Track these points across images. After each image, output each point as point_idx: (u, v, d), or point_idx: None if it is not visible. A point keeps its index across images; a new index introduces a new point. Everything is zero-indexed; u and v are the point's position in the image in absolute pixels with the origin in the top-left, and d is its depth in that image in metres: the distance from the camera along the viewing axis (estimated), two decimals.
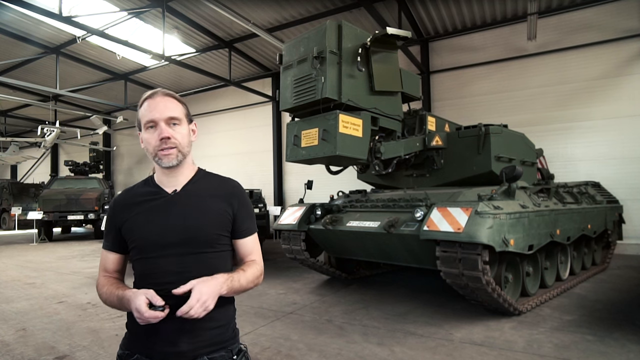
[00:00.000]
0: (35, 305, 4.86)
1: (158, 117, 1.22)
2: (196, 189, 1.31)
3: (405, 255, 4.49)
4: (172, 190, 1.29)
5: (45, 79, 13.32)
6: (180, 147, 1.25)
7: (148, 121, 1.24)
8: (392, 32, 4.42)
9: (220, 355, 1.24)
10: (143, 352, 1.22)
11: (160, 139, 1.22)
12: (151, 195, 1.29)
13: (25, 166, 21.33)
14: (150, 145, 1.24)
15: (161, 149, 1.23)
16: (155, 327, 1.14)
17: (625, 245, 8.28)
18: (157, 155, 1.24)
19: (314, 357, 3.17)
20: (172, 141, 1.23)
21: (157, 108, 1.23)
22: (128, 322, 1.28)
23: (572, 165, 8.96)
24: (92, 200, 12.36)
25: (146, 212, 1.26)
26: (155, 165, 1.30)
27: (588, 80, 8.93)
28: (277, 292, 5.38)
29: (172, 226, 1.23)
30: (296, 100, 4.54)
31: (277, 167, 13.34)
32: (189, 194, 1.29)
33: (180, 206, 1.26)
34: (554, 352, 3.18)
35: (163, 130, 1.22)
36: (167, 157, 1.23)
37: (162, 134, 1.22)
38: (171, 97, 1.27)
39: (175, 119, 1.25)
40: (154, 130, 1.24)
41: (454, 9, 9.44)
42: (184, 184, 1.31)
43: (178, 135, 1.25)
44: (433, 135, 5.45)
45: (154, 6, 9.18)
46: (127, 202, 1.31)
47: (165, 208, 1.26)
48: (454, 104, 10.42)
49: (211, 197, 1.30)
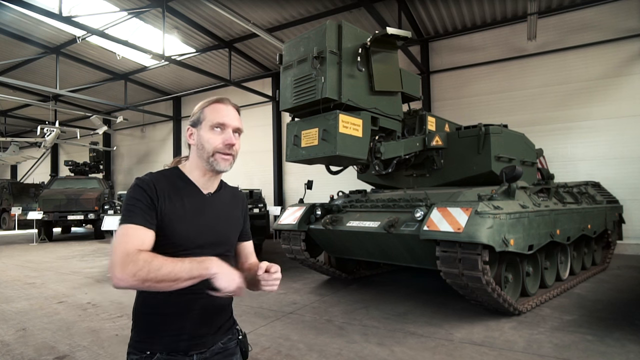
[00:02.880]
0: (35, 305, 4.86)
1: (229, 123, 1.28)
2: (222, 195, 1.39)
3: (405, 255, 4.49)
4: (208, 192, 1.34)
5: (45, 79, 13.33)
6: (235, 156, 1.32)
7: (219, 123, 1.26)
8: (392, 32, 4.42)
9: (228, 338, 1.35)
10: (165, 349, 1.20)
11: (226, 144, 1.26)
12: (189, 191, 1.29)
13: (25, 166, 21.34)
14: (211, 146, 1.25)
15: (224, 152, 1.27)
16: (182, 324, 1.22)
17: (625, 245, 8.28)
18: (214, 156, 1.25)
19: (314, 357, 3.18)
20: (234, 149, 1.29)
21: (230, 115, 1.29)
22: (148, 323, 1.23)
23: (572, 165, 8.96)
24: (92, 200, 12.36)
25: (185, 207, 1.25)
26: (196, 161, 1.29)
27: (588, 80, 8.93)
28: (277, 292, 5.38)
29: (207, 227, 1.28)
30: (296, 100, 4.54)
31: (277, 167, 13.34)
32: (219, 199, 1.36)
33: (214, 209, 1.33)
34: (554, 352, 3.18)
35: (231, 137, 1.27)
36: (225, 162, 1.28)
37: (229, 140, 1.26)
38: (237, 110, 1.35)
39: (239, 130, 1.32)
40: (221, 133, 1.27)
41: (454, 9, 9.44)
42: (215, 189, 1.37)
43: (237, 146, 1.32)
44: (433, 135, 5.45)
45: (154, 6, 9.18)
46: (168, 188, 1.24)
47: (203, 209, 1.30)
48: (454, 104, 10.42)
49: (231, 204, 1.41)
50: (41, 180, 18.61)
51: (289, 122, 4.90)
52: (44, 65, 12.81)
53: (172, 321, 1.22)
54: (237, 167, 14.52)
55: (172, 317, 1.22)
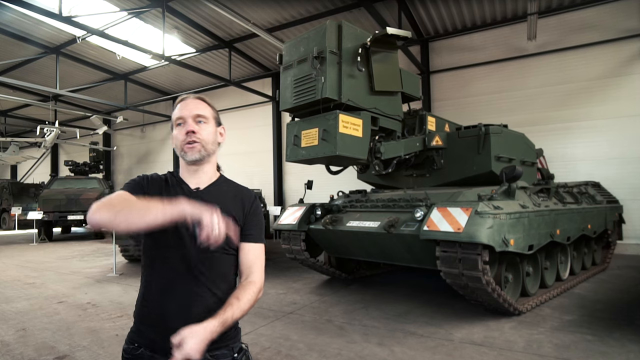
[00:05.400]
0: (35, 305, 4.86)
1: (186, 114, 1.29)
2: (216, 191, 1.35)
3: (405, 255, 4.49)
4: (195, 187, 1.34)
5: (45, 79, 13.33)
6: (204, 142, 1.30)
7: (177, 118, 1.30)
8: (392, 32, 4.42)
9: (222, 352, 1.26)
10: (148, 346, 1.24)
11: (186, 133, 1.28)
12: (174, 187, 1.34)
13: (25, 166, 21.33)
14: (178, 141, 1.30)
15: (186, 142, 1.28)
16: (162, 322, 1.21)
17: (625, 245, 8.28)
18: (182, 149, 1.30)
19: (314, 357, 3.17)
20: (196, 135, 1.28)
21: (187, 107, 1.31)
22: (136, 312, 1.31)
23: (572, 165, 8.96)
24: (92, 200, 12.27)
25: (163, 200, 1.26)
26: (181, 161, 1.36)
27: (588, 80, 8.93)
28: (277, 292, 5.38)
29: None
30: (296, 100, 4.54)
31: (277, 167, 13.34)
32: (210, 195, 1.33)
33: (204, 204, 1.28)
34: (554, 352, 3.18)
35: (189, 125, 1.28)
36: (191, 150, 1.28)
37: (187, 128, 1.28)
38: (202, 100, 1.34)
39: (202, 116, 1.31)
40: (182, 127, 1.30)
41: (454, 9, 9.44)
42: (207, 184, 1.36)
43: (203, 131, 1.30)
44: (433, 135, 5.45)
45: (154, 6, 9.18)
46: (156, 184, 1.34)
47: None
48: (454, 104, 10.42)
49: (228, 202, 1.33)
50: (41, 180, 18.60)
51: (289, 122, 4.90)
52: (44, 65, 12.82)
53: (154, 307, 1.25)
54: (237, 167, 14.58)
55: (154, 303, 1.26)
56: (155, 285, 1.27)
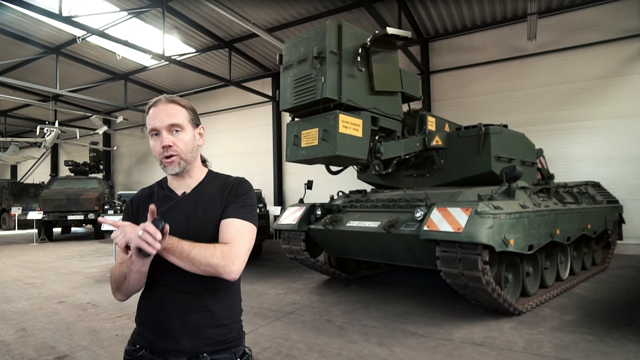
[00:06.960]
0: (35, 305, 4.86)
1: (159, 125, 1.24)
2: (204, 191, 1.33)
3: (405, 255, 4.49)
4: (182, 193, 1.33)
5: (45, 79, 13.32)
6: (182, 154, 1.26)
7: (151, 129, 1.26)
8: (392, 32, 4.42)
9: (223, 357, 1.23)
10: (148, 347, 1.24)
11: (162, 147, 1.25)
12: (163, 196, 1.34)
13: (25, 166, 21.33)
14: (156, 153, 1.28)
15: (164, 156, 1.26)
16: (160, 323, 1.20)
17: (625, 245, 8.28)
18: (162, 163, 1.28)
19: (314, 357, 3.18)
20: (173, 149, 1.25)
21: (159, 116, 1.25)
22: (137, 316, 1.32)
23: (572, 165, 8.96)
24: (92, 200, 12.36)
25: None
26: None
27: (588, 80, 8.93)
28: (277, 292, 5.38)
29: (175, 225, 1.20)
30: (296, 100, 4.54)
31: (277, 167, 13.34)
32: (197, 196, 1.31)
33: (186, 209, 1.29)
34: (554, 352, 3.18)
35: (164, 138, 1.24)
36: (170, 165, 1.27)
37: (163, 142, 1.24)
38: (174, 104, 1.28)
39: (176, 125, 1.26)
40: (158, 138, 1.26)
41: (454, 9, 9.44)
42: (193, 186, 1.34)
43: (180, 142, 1.26)
44: (433, 135, 5.45)
45: (154, 6, 9.18)
46: (141, 201, 1.36)
47: (173, 210, 1.29)
48: (454, 104, 10.42)
49: (215, 196, 1.30)
50: (41, 180, 18.61)
51: (289, 122, 4.90)
52: (44, 65, 12.81)
53: (153, 310, 1.25)
54: (237, 167, 14.54)
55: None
56: (153, 288, 1.26)
